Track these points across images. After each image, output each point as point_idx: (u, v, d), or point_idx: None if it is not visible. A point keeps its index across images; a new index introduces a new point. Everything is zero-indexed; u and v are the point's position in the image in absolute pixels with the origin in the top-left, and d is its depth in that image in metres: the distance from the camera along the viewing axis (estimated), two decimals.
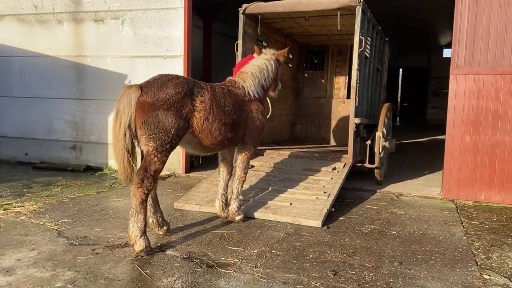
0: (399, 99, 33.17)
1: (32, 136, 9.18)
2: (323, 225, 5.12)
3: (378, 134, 6.89)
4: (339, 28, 6.97)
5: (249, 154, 5.22)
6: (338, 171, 6.42)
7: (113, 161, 8.55)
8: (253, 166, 6.77)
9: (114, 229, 4.83)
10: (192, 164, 8.47)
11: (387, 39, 9.18)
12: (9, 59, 9.21)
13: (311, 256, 4.20)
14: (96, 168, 8.61)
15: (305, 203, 5.52)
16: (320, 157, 6.97)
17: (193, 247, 4.34)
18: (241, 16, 7.21)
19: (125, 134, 4.08)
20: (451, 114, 6.61)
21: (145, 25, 8.20)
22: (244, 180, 5.27)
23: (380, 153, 6.98)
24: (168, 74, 4.39)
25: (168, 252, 4.21)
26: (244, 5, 7.15)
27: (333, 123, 9.72)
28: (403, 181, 8.04)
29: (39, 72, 9.04)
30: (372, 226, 5.21)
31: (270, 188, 5.99)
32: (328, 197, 5.63)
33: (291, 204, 5.50)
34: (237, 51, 7.25)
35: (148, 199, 4.51)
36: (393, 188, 7.33)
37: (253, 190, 5.97)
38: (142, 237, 4.10)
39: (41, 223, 4.98)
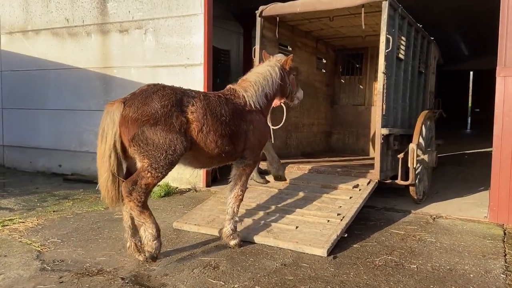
0: (469, 105, 30.79)
1: (65, 147, 9.27)
2: (329, 254, 4.42)
3: (412, 146, 6.01)
4: (363, 28, 6.22)
5: (248, 170, 4.76)
6: (360, 189, 5.65)
7: None
8: (268, 182, 6.19)
9: (97, 251, 4.48)
10: (215, 178, 8.04)
11: (432, 38, 8.19)
12: (45, 73, 9.39)
13: None
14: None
15: (314, 226, 4.84)
16: (343, 172, 6.22)
17: (169, 278, 3.86)
18: (258, 19, 6.69)
19: (110, 156, 3.83)
20: (499, 123, 5.60)
21: (167, 33, 7.95)
22: (242, 199, 4.74)
23: (415, 168, 6.09)
24: (156, 85, 4.08)
25: (138, 283, 3.76)
26: (261, 7, 6.63)
27: (373, 132, 8.84)
28: (449, 199, 7.03)
29: (71, 85, 9.12)
30: (389, 257, 4.42)
31: (279, 207, 5.37)
32: (341, 220, 4.91)
33: (297, 227, 4.85)
34: (254, 57, 6.73)
35: (127, 219, 4.17)
36: (433, 208, 6.39)
37: (260, 209, 5.39)
38: (155, 241, 4.05)
39: (29, 242, 4.76)
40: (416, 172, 6.31)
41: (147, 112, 3.80)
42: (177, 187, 7.74)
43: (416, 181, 6.35)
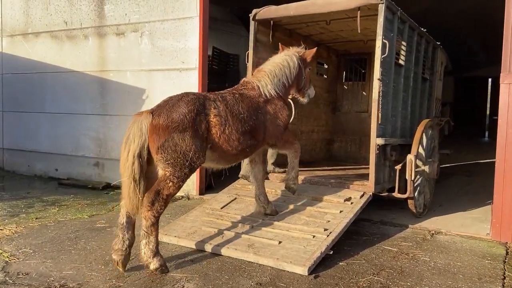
0: (487, 112, 29.99)
1: (62, 151, 9.14)
2: (311, 272, 4.12)
3: (410, 157, 5.67)
4: (359, 31, 5.92)
5: (288, 145, 5.06)
6: (352, 203, 5.33)
7: None
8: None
9: (66, 264, 4.27)
10: (210, 186, 7.79)
11: (438, 43, 7.82)
12: (44, 76, 9.31)
13: None
14: (115, 186, 8.26)
15: (298, 242, 4.55)
16: (337, 184, 5.90)
17: None
18: (252, 23, 6.43)
19: (133, 163, 3.88)
20: (503, 133, 5.23)
21: (162, 36, 7.76)
22: (299, 154, 5.19)
23: (413, 180, 5.74)
24: (178, 94, 4.25)
25: None
26: (254, 10, 6.37)
27: None
28: (452, 212, 6.64)
29: (68, 88, 9.00)
30: (375, 278, 4.10)
31: (265, 221, 5.09)
32: (328, 236, 4.60)
33: (280, 243, 4.56)
34: (247, 61, 6.48)
35: (123, 216, 4.07)
36: (433, 223, 6.02)
37: (245, 222, 5.11)
38: (155, 257, 4.02)
39: (0, 252, 4.58)
40: (416, 185, 5.97)
41: (177, 119, 3.93)
42: None
43: (415, 194, 6.00)
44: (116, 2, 8.25)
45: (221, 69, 12.98)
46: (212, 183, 7.83)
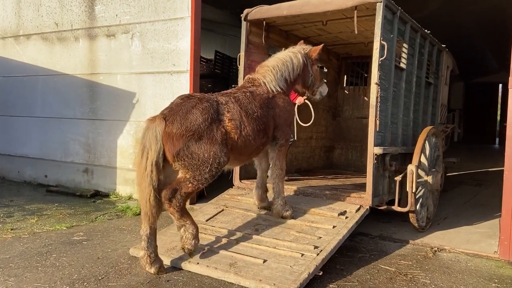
0: (498, 118, 29.36)
1: (51, 157, 8.82)
2: None
3: (411, 167, 5.24)
4: (356, 32, 5.52)
5: (283, 149, 4.96)
6: (347, 217, 4.91)
7: (121, 187, 7.86)
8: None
9: (29, 283, 3.90)
10: (202, 195, 7.40)
11: (444, 45, 7.39)
12: (34, 79, 9.01)
13: None
14: (104, 193, 7.93)
15: (284, 261, 4.14)
16: (332, 196, 5.48)
17: None
18: (243, 23, 6.08)
19: (152, 171, 3.88)
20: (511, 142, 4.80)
21: (153, 38, 7.43)
22: (284, 177, 5.02)
23: (414, 192, 5.31)
24: (190, 97, 4.17)
25: None
26: (245, 10, 6.01)
27: None
28: (457, 226, 6.20)
29: (58, 92, 8.70)
30: None
31: (251, 236, 4.69)
32: (317, 254, 4.19)
33: (265, 261, 4.16)
34: (239, 64, 6.12)
35: (146, 228, 4.07)
36: (436, 238, 5.59)
37: (230, 236, 4.71)
38: (194, 239, 4.13)
39: None
40: (417, 197, 5.54)
41: (191, 128, 3.88)
42: None
43: (417, 207, 5.57)
44: (107, 3, 7.94)
45: (223, 73, 12.67)
46: (205, 192, 7.43)
